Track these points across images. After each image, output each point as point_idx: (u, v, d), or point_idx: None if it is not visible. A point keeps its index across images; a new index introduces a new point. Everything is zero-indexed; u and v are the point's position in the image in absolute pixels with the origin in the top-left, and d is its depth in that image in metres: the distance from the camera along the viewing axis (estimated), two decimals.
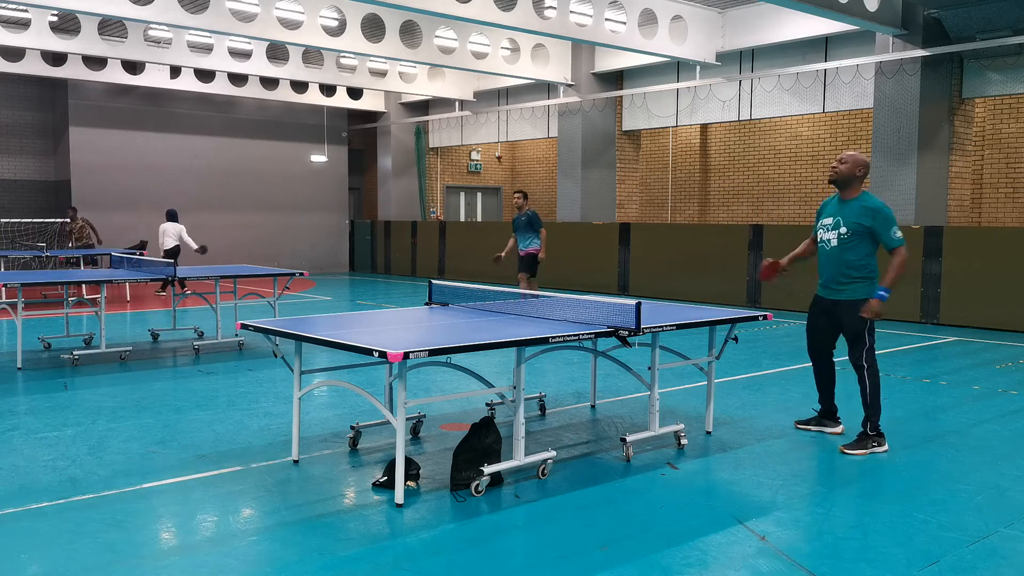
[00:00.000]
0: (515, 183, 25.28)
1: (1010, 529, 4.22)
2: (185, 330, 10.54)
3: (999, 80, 12.98)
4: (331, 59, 18.22)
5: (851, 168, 5.70)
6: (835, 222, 5.75)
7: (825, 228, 5.83)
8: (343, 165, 23.30)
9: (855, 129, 17.47)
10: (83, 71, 17.31)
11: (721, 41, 15.15)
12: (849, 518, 4.38)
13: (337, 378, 6.06)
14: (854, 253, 5.67)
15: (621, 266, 16.49)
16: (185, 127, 20.38)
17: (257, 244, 21.42)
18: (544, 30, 13.00)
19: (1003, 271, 11.58)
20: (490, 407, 6.33)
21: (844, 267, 5.71)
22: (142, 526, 4.16)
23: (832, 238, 5.75)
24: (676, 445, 5.66)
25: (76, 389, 7.39)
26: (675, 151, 21.12)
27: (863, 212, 5.65)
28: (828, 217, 5.84)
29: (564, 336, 4.79)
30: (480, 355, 8.23)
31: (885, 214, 5.64)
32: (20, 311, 8.47)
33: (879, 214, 5.62)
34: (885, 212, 5.65)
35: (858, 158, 5.74)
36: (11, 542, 3.93)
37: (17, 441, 5.65)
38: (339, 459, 5.32)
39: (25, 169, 19.31)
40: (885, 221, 5.62)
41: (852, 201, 5.73)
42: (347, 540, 3.99)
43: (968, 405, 7.09)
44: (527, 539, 4.14)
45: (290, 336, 4.84)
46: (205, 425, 6.11)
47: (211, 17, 12.79)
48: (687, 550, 3.92)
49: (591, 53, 17.70)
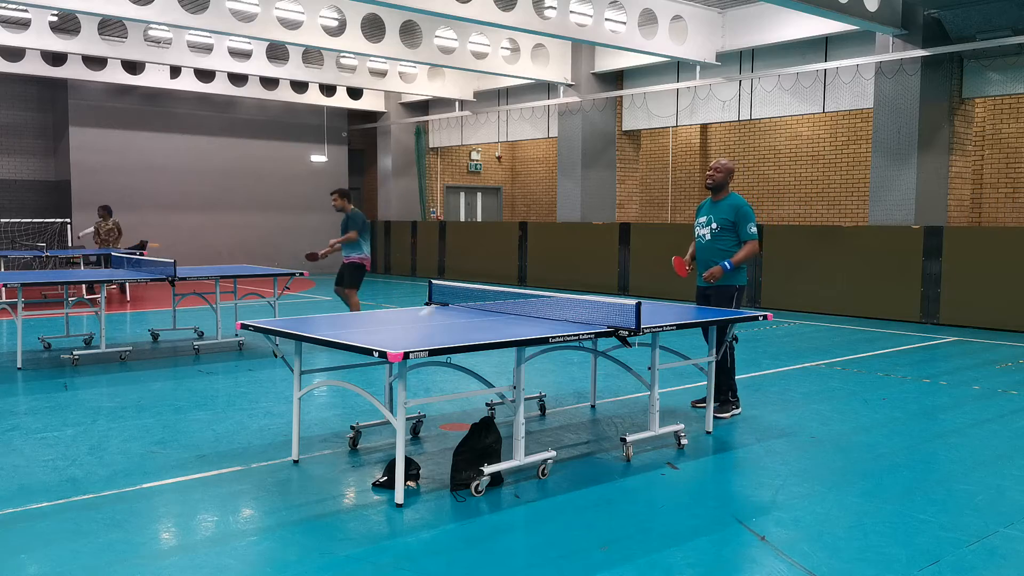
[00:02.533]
0: (515, 183, 25.29)
1: (1010, 529, 4.22)
2: (185, 330, 10.54)
3: (999, 80, 12.98)
4: (331, 59, 18.22)
5: (725, 175, 6.73)
6: (707, 219, 6.75)
7: (700, 225, 6.82)
8: (343, 165, 23.30)
9: (855, 129, 17.47)
10: (83, 71, 17.31)
11: (721, 41, 15.14)
12: (849, 518, 4.38)
13: (337, 378, 6.06)
14: (723, 244, 6.67)
15: (621, 266, 16.48)
16: (185, 127, 20.37)
17: (257, 244, 21.41)
18: (544, 30, 13.00)
19: (1003, 271, 11.58)
20: (490, 407, 6.33)
21: (715, 256, 6.68)
22: (142, 526, 4.16)
23: (706, 233, 6.74)
24: (676, 445, 5.66)
25: (76, 389, 7.39)
26: (675, 151, 21.12)
27: (729, 210, 6.67)
28: (702, 216, 6.82)
29: (564, 336, 4.79)
30: (480, 355, 8.23)
31: (746, 211, 6.64)
32: (20, 311, 8.47)
33: (740, 211, 6.63)
34: (746, 209, 6.66)
35: (729, 166, 6.78)
36: (11, 542, 3.93)
37: (17, 441, 5.65)
38: (339, 459, 5.32)
39: (25, 169, 19.31)
40: (745, 217, 6.62)
41: (721, 201, 6.75)
42: (347, 540, 3.99)
43: (968, 405, 7.08)
44: (527, 539, 4.14)
45: (290, 336, 4.84)
46: (205, 425, 6.11)
47: (211, 17, 12.79)
48: (687, 550, 3.92)
49: (591, 53, 17.70)
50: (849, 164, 17.68)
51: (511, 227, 19.12)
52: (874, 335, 11.19)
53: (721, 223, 6.63)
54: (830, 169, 18.01)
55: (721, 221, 6.63)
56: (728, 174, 6.74)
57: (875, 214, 13.44)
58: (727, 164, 6.76)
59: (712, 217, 6.68)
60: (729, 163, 6.79)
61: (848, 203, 17.67)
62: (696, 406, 6.78)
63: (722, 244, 6.64)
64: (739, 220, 6.59)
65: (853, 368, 8.72)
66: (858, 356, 9.49)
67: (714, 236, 6.66)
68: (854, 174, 17.54)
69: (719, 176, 6.70)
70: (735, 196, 6.75)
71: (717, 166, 6.73)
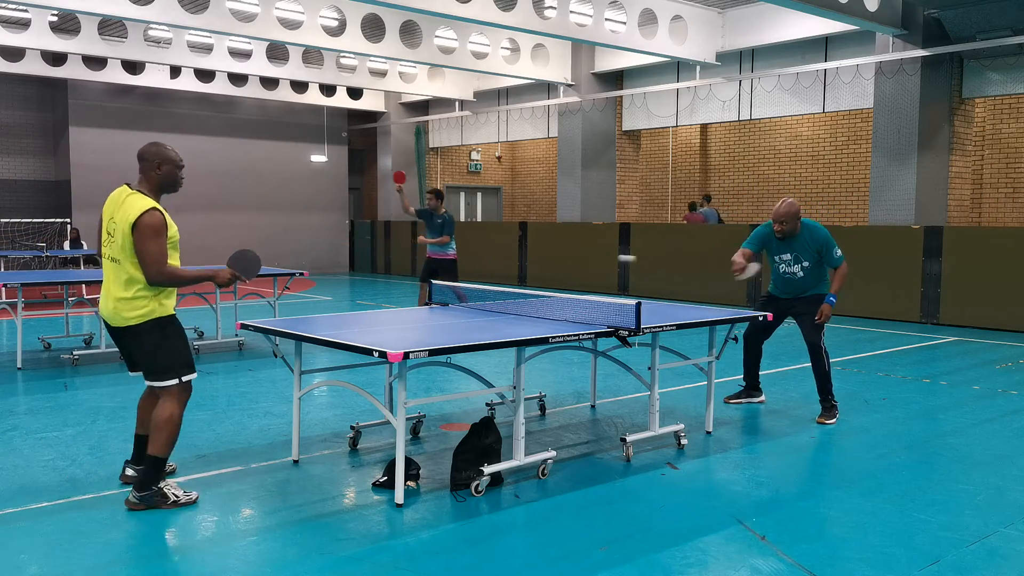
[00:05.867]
0: (515, 183, 25.31)
1: (1010, 529, 4.22)
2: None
3: (999, 80, 12.98)
4: (331, 59, 18.22)
5: (793, 223, 6.46)
6: (791, 257, 6.57)
7: (784, 262, 6.60)
8: (343, 165, 23.30)
9: (855, 129, 17.48)
10: (83, 71, 17.31)
11: (721, 41, 15.14)
12: (849, 518, 4.38)
13: (337, 378, 6.06)
14: (817, 274, 6.58)
15: (621, 266, 16.48)
16: (185, 127, 20.36)
17: (257, 244, 21.39)
18: (544, 30, 13.00)
19: (1003, 271, 11.58)
20: (490, 407, 6.33)
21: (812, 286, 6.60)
22: (142, 526, 4.15)
23: (797, 271, 6.56)
24: (676, 445, 5.66)
25: (76, 389, 7.39)
26: (675, 151, 21.12)
27: (811, 243, 6.49)
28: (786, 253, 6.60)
29: (564, 336, 4.79)
30: (480, 355, 8.23)
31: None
32: (20, 311, 8.47)
33: (822, 241, 6.46)
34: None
35: (792, 210, 6.46)
36: (11, 542, 3.93)
37: (17, 441, 5.65)
38: (339, 459, 5.32)
39: (25, 169, 19.31)
40: (828, 246, 6.46)
41: (799, 236, 6.52)
42: (347, 540, 3.99)
43: (968, 405, 7.08)
44: (527, 539, 4.14)
45: (290, 336, 4.84)
46: (205, 425, 6.11)
47: (211, 17, 12.79)
48: (687, 550, 3.92)
49: (591, 53, 17.70)
50: (849, 164, 17.69)
51: (511, 227, 19.12)
52: (874, 335, 11.19)
53: (811, 259, 6.46)
54: (830, 169, 18.02)
55: (811, 257, 6.46)
56: (794, 220, 6.42)
57: (875, 214, 13.44)
58: (789, 211, 6.41)
59: (799, 255, 6.49)
60: (790, 207, 6.44)
61: (848, 203, 17.68)
62: (729, 401, 6.98)
63: (816, 274, 6.51)
64: (824, 250, 6.41)
65: (853, 368, 8.72)
66: (858, 356, 9.49)
67: (807, 272, 6.50)
68: (854, 174, 17.55)
69: (787, 227, 6.43)
70: (810, 227, 6.51)
71: (780, 217, 6.40)
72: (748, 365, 6.98)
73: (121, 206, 4.40)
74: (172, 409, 4.39)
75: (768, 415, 6.66)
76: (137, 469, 4.60)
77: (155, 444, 4.34)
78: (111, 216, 4.45)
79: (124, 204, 4.39)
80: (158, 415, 4.38)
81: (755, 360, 6.97)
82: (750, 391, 7.05)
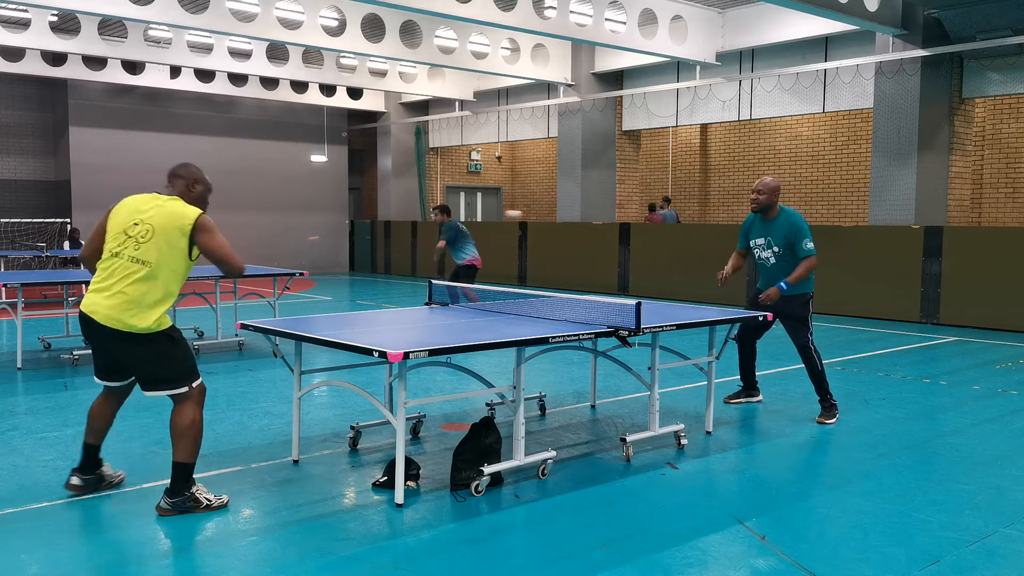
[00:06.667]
0: (515, 183, 25.31)
1: (1010, 529, 4.22)
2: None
3: (999, 80, 12.98)
4: (331, 59, 18.22)
5: (769, 196, 6.47)
6: (765, 241, 6.52)
7: (759, 247, 6.57)
8: (343, 165, 23.30)
9: (855, 129, 17.48)
10: (83, 71, 17.31)
11: (721, 41, 15.14)
12: (849, 518, 4.38)
13: (337, 378, 6.06)
14: (789, 264, 6.44)
15: (621, 266, 16.48)
16: (185, 127, 20.37)
17: (257, 244, 21.40)
18: (544, 30, 13.00)
19: (1003, 271, 11.58)
20: (490, 407, 6.33)
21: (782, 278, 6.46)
22: (142, 526, 4.15)
23: (769, 256, 6.51)
24: (676, 445, 5.65)
25: (76, 389, 7.39)
26: (675, 151, 21.12)
27: (784, 228, 6.44)
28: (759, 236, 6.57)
29: (564, 336, 4.79)
30: (480, 355, 8.23)
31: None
32: (20, 311, 8.47)
33: (795, 227, 6.40)
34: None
35: (772, 184, 6.52)
36: (11, 542, 3.93)
37: (17, 441, 5.65)
38: (339, 459, 5.32)
39: (25, 169, 19.31)
40: (800, 234, 6.39)
41: (775, 220, 6.51)
42: (347, 540, 3.99)
43: (968, 405, 7.08)
44: (527, 539, 4.14)
45: (290, 336, 4.84)
46: (205, 425, 6.05)
47: (211, 17, 12.79)
48: (687, 550, 3.92)
49: (591, 53, 17.70)
50: (849, 164, 17.69)
51: (511, 227, 19.11)
52: (874, 335, 11.19)
53: (781, 244, 6.39)
54: (830, 169, 18.02)
55: (781, 242, 6.39)
56: (773, 193, 6.45)
57: (875, 214, 13.44)
58: (770, 183, 6.47)
59: (771, 240, 6.45)
60: (772, 181, 6.49)
61: (848, 203, 17.68)
62: (729, 401, 6.97)
63: (788, 264, 6.40)
64: (795, 238, 6.33)
65: (853, 368, 8.72)
66: (858, 356, 9.49)
67: (779, 259, 6.43)
68: (854, 174, 17.55)
69: (763, 199, 6.44)
70: (787, 213, 6.51)
71: (760, 187, 6.46)
72: (743, 365, 7.00)
73: (162, 210, 4.26)
74: (193, 414, 4.34)
75: (768, 415, 6.66)
76: (84, 478, 4.52)
77: (182, 451, 4.28)
78: (137, 219, 4.25)
79: (167, 209, 4.27)
80: (179, 422, 4.30)
81: (749, 360, 6.98)
82: (748, 391, 7.05)
